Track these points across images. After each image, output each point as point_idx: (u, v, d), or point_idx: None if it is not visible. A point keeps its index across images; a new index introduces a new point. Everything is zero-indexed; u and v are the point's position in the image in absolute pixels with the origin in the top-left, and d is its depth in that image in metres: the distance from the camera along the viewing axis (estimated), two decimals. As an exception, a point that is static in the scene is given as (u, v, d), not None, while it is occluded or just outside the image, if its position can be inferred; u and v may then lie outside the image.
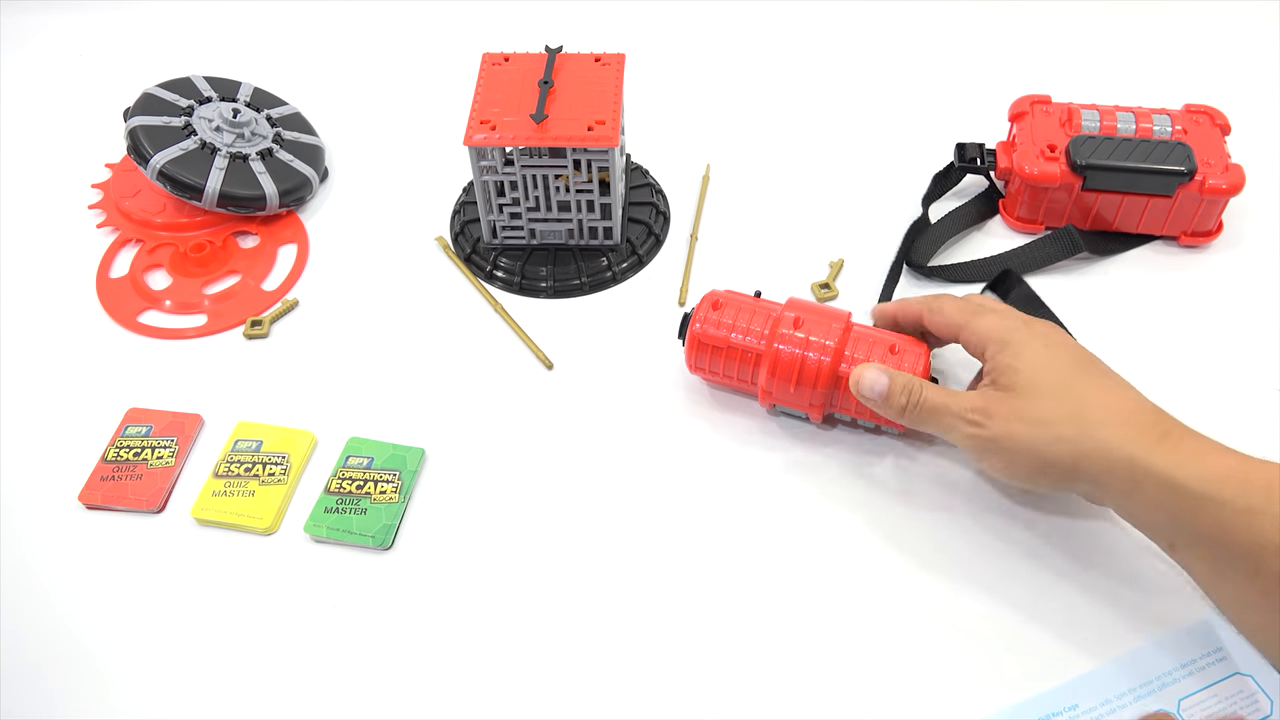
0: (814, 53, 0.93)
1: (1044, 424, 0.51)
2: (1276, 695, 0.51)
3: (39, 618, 0.58)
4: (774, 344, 0.60)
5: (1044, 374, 0.53)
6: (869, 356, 0.59)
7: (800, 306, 0.62)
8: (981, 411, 0.53)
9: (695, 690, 0.54)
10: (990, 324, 0.56)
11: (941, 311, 0.59)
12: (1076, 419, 0.51)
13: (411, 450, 0.64)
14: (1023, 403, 0.52)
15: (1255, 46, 0.91)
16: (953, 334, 0.58)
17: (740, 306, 0.63)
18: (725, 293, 0.64)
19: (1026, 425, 0.51)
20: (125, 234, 0.79)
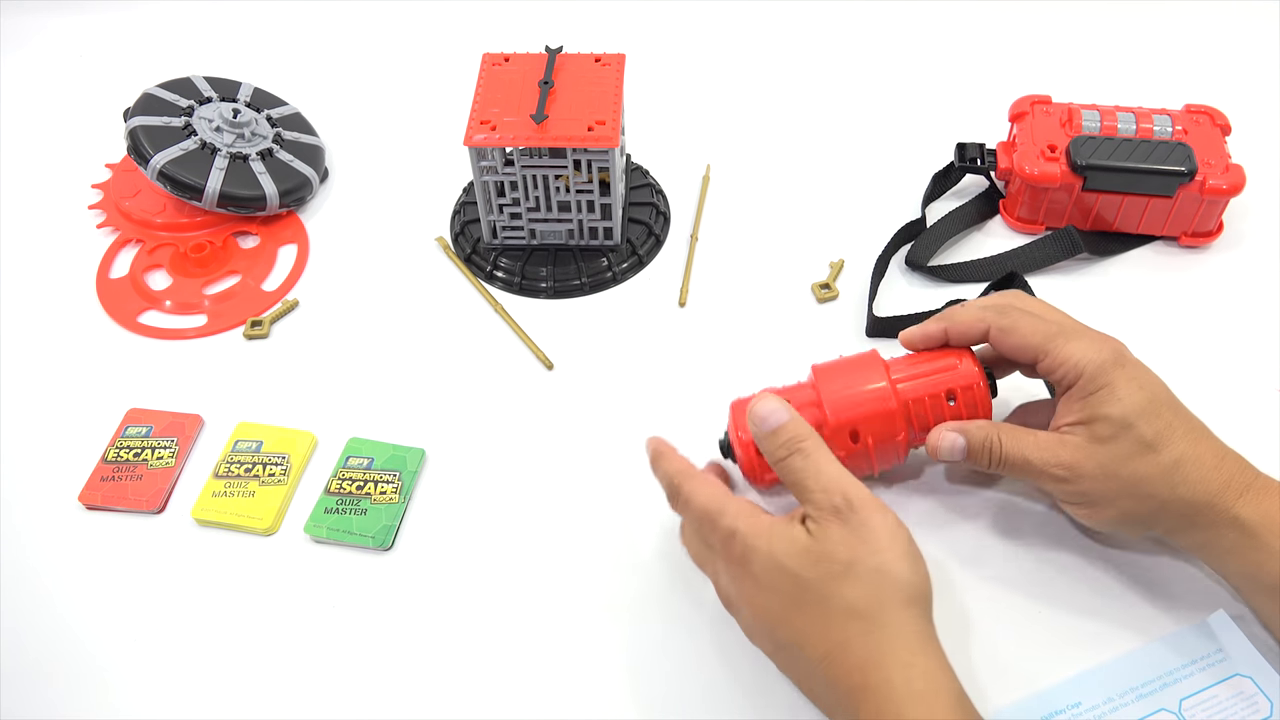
0: (814, 53, 0.93)
1: (1137, 482, 0.49)
2: (1276, 696, 0.51)
3: (39, 618, 0.58)
4: (831, 420, 0.54)
5: (1141, 428, 0.49)
6: (927, 399, 0.54)
7: (829, 370, 0.56)
8: (1069, 468, 0.50)
9: (694, 689, 0.54)
10: (1079, 355, 0.51)
11: (1016, 332, 0.53)
12: (1168, 478, 0.49)
13: (411, 450, 0.64)
14: (1116, 461, 0.49)
15: (1255, 46, 0.91)
16: (1029, 358, 0.53)
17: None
18: (744, 399, 0.57)
19: (1118, 483, 0.50)
20: (125, 234, 0.79)
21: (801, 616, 0.47)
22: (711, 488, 0.51)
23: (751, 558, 0.48)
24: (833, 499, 0.47)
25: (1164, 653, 0.52)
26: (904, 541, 0.47)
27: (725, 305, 0.72)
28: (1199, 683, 0.51)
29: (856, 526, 0.47)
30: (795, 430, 0.50)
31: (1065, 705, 0.51)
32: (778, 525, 0.48)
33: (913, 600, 0.46)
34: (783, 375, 0.67)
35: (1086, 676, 0.52)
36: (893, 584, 0.46)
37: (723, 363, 0.69)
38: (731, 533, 0.49)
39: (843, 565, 0.46)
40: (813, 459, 0.49)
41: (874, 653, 0.45)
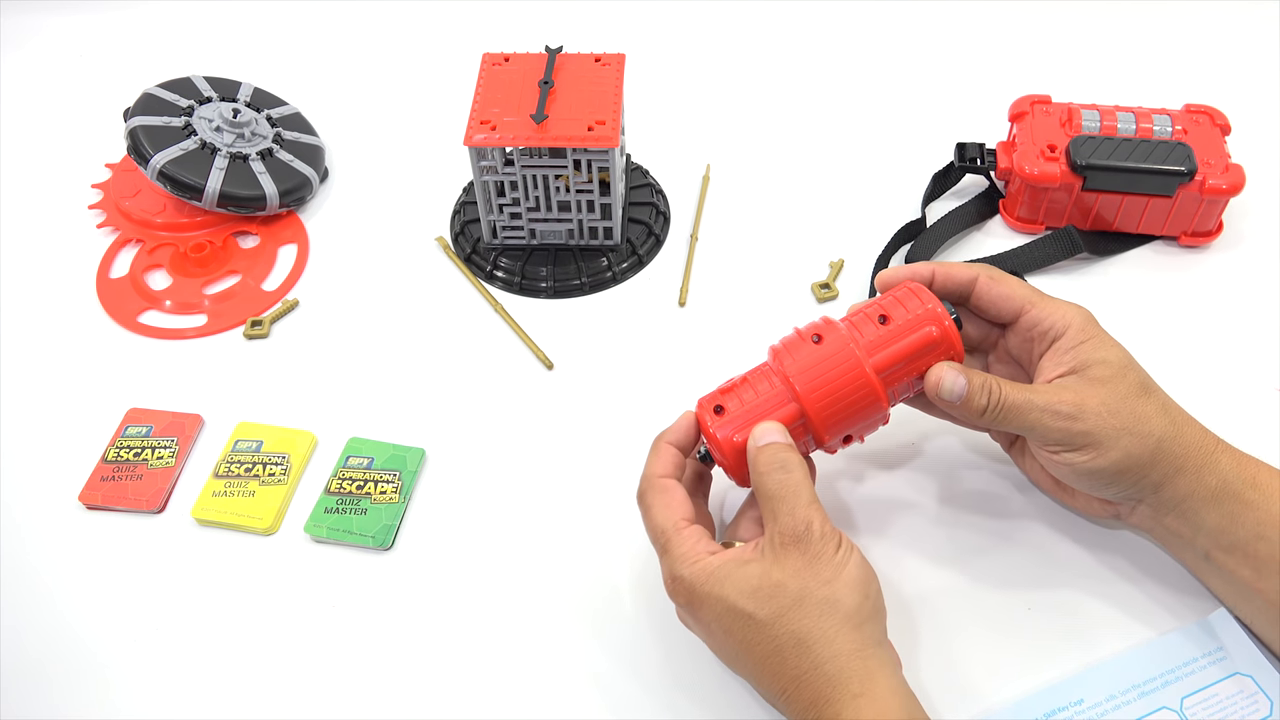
0: (814, 53, 0.93)
1: (1137, 418, 0.50)
2: (1276, 695, 0.51)
3: (39, 618, 0.58)
4: (794, 387, 0.52)
5: (1131, 373, 0.51)
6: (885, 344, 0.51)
7: (784, 342, 0.53)
8: (1074, 405, 0.50)
9: (694, 689, 0.54)
10: (1065, 310, 0.53)
11: (1005, 282, 0.54)
12: (1165, 415, 0.51)
13: (411, 450, 0.64)
14: (1117, 397, 0.50)
15: (1255, 46, 0.91)
16: (1014, 310, 0.54)
17: (734, 388, 0.53)
18: (708, 394, 0.54)
19: (1121, 418, 0.50)
20: (125, 234, 0.79)
21: (754, 655, 0.47)
22: (661, 513, 0.50)
23: (700, 603, 0.48)
24: (797, 525, 0.47)
25: (1165, 650, 0.53)
26: (854, 571, 0.47)
27: (725, 305, 0.72)
28: (1200, 681, 0.51)
29: (812, 557, 0.47)
30: (784, 455, 0.50)
31: (1068, 702, 0.51)
32: (727, 565, 0.48)
33: (860, 626, 0.46)
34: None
35: (1088, 674, 0.52)
36: (841, 614, 0.46)
37: (723, 363, 0.68)
38: (675, 576, 0.49)
39: (793, 598, 0.46)
40: (791, 482, 0.49)
41: (824, 688, 0.45)
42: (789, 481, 0.49)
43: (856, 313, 0.54)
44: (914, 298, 0.53)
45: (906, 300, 0.53)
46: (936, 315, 0.52)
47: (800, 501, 0.48)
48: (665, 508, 0.51)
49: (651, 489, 0.52)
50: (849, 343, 0.52)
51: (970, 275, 0.54)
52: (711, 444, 0.53)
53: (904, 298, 0.53)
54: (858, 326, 0.53)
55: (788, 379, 0.52)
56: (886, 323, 0.52)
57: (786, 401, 0.52)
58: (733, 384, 0.53)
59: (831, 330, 0.52)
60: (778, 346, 0.53)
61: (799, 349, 0.52)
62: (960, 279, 0.55)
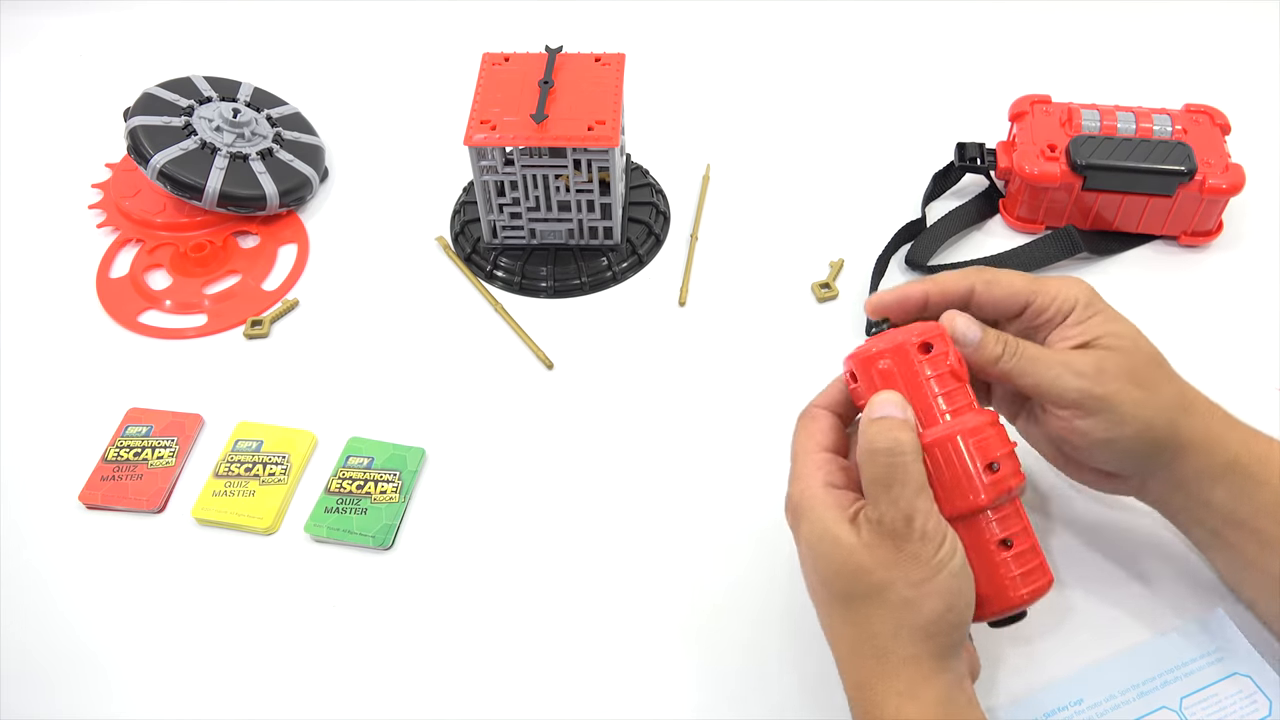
0: (814, 53, 0.93)
1: (1154, 388, 0.49)
2: (1275, 696, 0.51)
3: (40, 618, 0.58)
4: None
5: (1144, 342, 0.50)
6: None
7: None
8: (1098, 369, 0.48)
9: (694, 689, 0.54)
10: (1068, 287, 0.51)
11: (1000, 282, 0.51)
12: (1176, 387, 0.50)
13: (411, 450, 0.64)
14: (1135, 367, 0.49)
15: (1255, 46, 0.91)
16: (1017, 305, 0.51)
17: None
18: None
19: (1141, 389, 0.48)
20: (125, 234, 0.79)
21: (822, 610, 0.48)
22: (804, 437, 0.49)
23: (797, 525, 0.47)
24: (897, 519, 0.44)
25: (1164, 650, 0.53)
26: (945, 580, 0.44)
27: (725, 305, 0.72)
28: (1199, 680, 0.51)
29: (908, 556, 0.44)
30: (897, 434, 0.45)
31: (1067, 702, 0.51)
32: (821, 524, 0.46)
33: (931, 636, 0.44)
34: (783, 375, 0.67)
35: (1087, 674, 0.52)
36: (916, 619, 0.44)
37: (723, 362, 0.69)
38: (788, 492, 0.48)
39: (874, 589, 0.44)
40: (899, 468, 0.45)
41: (871, 675, 0.45)
42: (897, 466, 0.44)
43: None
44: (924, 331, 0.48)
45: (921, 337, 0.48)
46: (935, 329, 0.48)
47: (905, 492, 0.44)
48: (807, 433, 0.49)
49: (802, 415, 0.51)
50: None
51: (965, 286, 0.51)
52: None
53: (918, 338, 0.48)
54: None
55: None
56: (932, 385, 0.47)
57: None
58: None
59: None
60: None
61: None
62: (956, 292, 0.51)
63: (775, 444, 0.64)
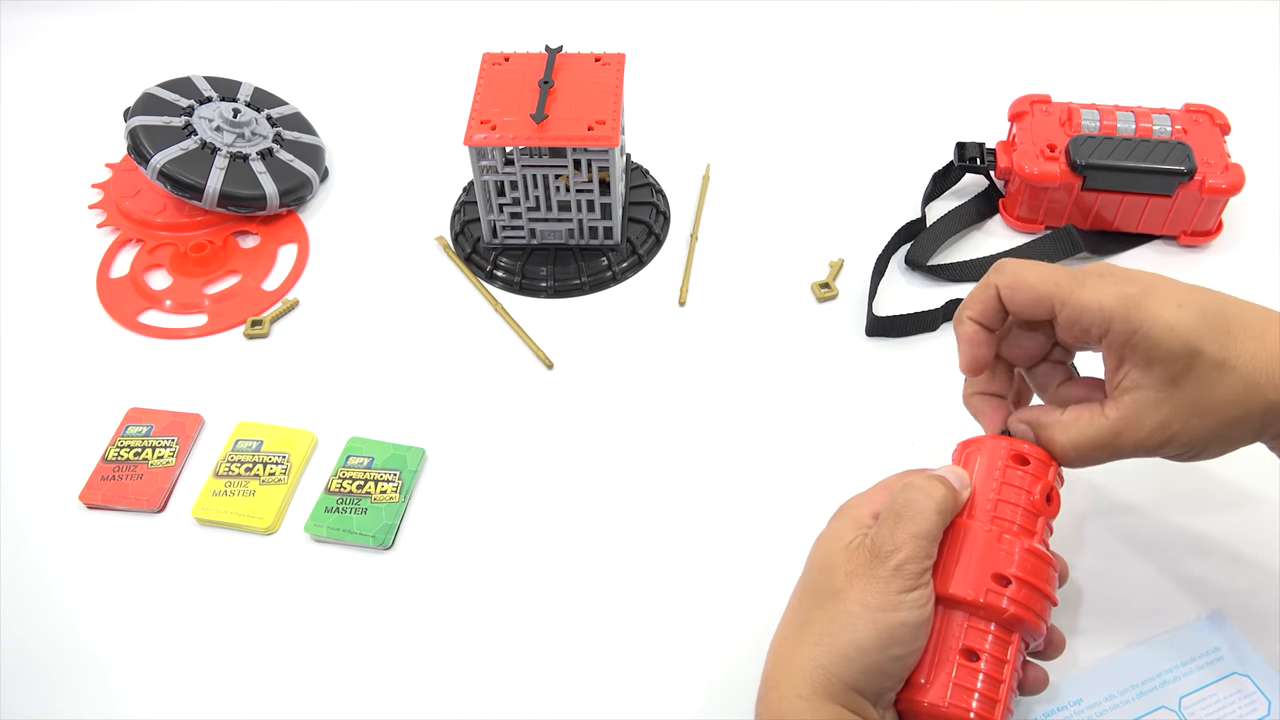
0: (814, 53, 0.93)
1: (1227, 406, 0.43)
2: (1274, 695, 0.51)
3: (40, 617, 0.58)
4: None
5: (1204, 349, 0.43)
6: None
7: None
8: (1161, 429, 0.44)
9: (694, 689, 0.54)
10: (1100, 292, 0.44)
11: (1023, 285, 0.46)
12: (1250, 381, 0.43)
13: (411, 450, 0.64)
14: (1201, 393, 0.43)
15: (1255, 46, 0.91)
16: (1046, 311, 0.46)
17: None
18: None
19: (1213, 420, 0.44)
20: (125, 234, 0.79)
21: (788, 608, 0.48)
22: (918, 495, 0.46)
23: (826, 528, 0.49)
24: (887, 544, 0.44)
25: (1164, 651, 0.53)
26: (896, 621, 0.43)
27: (725, 305, 0.72)
28: (1198, 680, 0.51)
29: (874, 578, 0.44)
30: (939, 491, 0.45)
31: (1067, 702, 0.51)
32: (844, 522, 0.47)
33: (852, 664, 0.43)
34: (783, 375, 0.67)
35: (1087, 674, 0.52)
36: (850, 635, 0.43)
37: (723, 362, 0.69)
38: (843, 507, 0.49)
39: (830, 588, 0.45)
40: (920, 510, 0.44)
41: (780, 671, 0.45)
42: (916, 506, 0.44)
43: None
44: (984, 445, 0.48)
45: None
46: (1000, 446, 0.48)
47: (909, 529, 0.44)
48: (921, 491, 0.46)
49: (929, 476, 0.47)
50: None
51: (991, 292, 0.48)
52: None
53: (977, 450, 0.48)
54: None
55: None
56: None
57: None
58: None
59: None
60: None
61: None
62: (989, 300, 0.48)
63: (775, 444, 0.64)
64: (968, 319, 0.49)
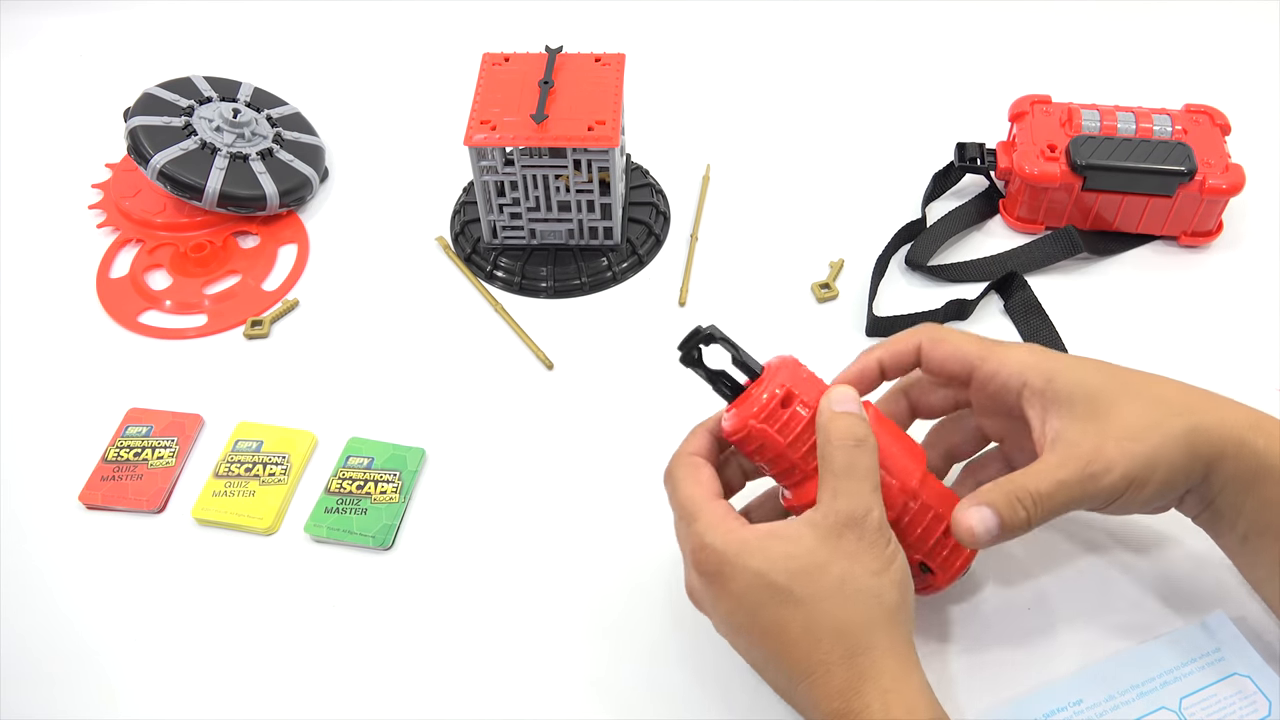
0: (814, 53, 0.93)
1: (1160, 430, 0.46)
2: (1275, 696, 0.51)
3: (40, 618, 0.58)
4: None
5: (1115, 382, 0.47)
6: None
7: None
8: (1096, 458, 0.45)
9: (694, 689, 0.54)
10: (1018, 360, 0.49)
11: (947, 341, 0.50)
12: (1181, 411, 0.46)
13: (411, 450, 0.64)
14: (1124, 421, 0.46)
15: (1255, 46, 0.91)
16: (964, 368, 0.50)
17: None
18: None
19: (1147, 443, 0.46)
20: (125, 234, 0.79)
21: (783, 636, 0.45)
22: (690, 485, 0.48)
23: (729, 576, 0.45)
24: (857, 508, 0.45)
25: (1164, 651, 0.53)
26: (900, 570, 0.46)
27: (725, 305, 0.72)
28: (1199, 681, 0.51)
29: (866, 545, 0.45)
30: (861, 429, 0.46)
31: (1067, 702, 0.51)
32: (765, 539, 0.46)
33: (898, 625, 0.45)
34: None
35: (1087, 674, 0.52)
36: (883, 608, 0.44)
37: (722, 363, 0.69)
38: (704, 545, 0.46)
39: (836, 582, 0.44)
40: (863, 462, 0.46)
41: (855, 679, 0.44)
42: (861, 461, 0.46)
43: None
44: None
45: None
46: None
47: (867, 485, 0.46)
48: (695, 482, 0.48)
49: (680, 464, 0.50)
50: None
51: (913, 343, 0.51)
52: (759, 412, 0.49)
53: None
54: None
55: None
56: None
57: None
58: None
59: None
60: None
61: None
62: (905, 352, 0.52)
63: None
64: (876, 361, 0.52)
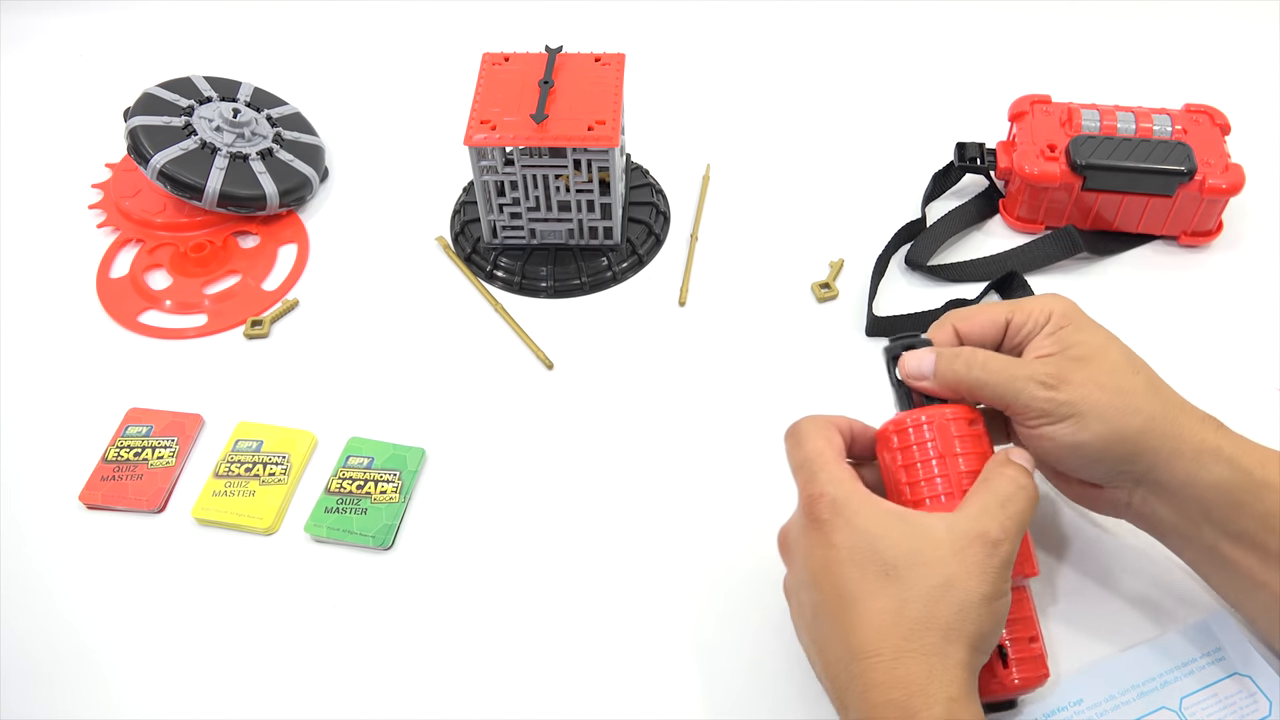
0: (814, 53, 0.93)
1: (1122, 393, 0.49)
2: (1275, 696, 0.51)
3: (40, 618, 0.58)
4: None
5: (1115, 350, 0.50)
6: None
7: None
8: (1056, 376, 0.49)
9: (693, 690, 0.54)
10: (1050, 301, 0.52)
11: (975, 316, 0.53)
12: (1153, 393, 0.49)
13: (411, 450, 0.64)
14: (1101, 372, 0.49)
15: (1255, 46, 0.91)
16: (998, 327, 0.52)
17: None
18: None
19: (1106, 392, 0.48)
20: (125, 234, 0.79)
21: (868, 606, 0.44)
22: (824, 443, 0.49)
23: (839, 526, 0.46)
24: (995, 532, 0.45)
25: (1165, 651, 0.53)
26: (1002, 608, 0.46)
27: (725, 305, 0.72)
28: (1199, 681, 0.51)
29: (982, 562, 0.45)
30: (1028, 475, 0.48)
31: (1067, 702, 0.51)
32: (888, 513, 0.46)
33: (976, 649, 0.45)
34: (783, 375, 0.67)
35: (1088, 674, 0.52)
36: (975, 628, 0.44)
37: (723, 363, 0.69)
38: (823, 493, 0.47)
39: (943, 580, 0.44)
40: (1026, 494, 0.47)
41: (924, 677, 0.43)
42: (1021, 499, 0.47)
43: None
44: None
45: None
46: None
47: (1014, 523, 0.46)
48: (826, 440, 0.49)
49: (812, 423, 0.50)
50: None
51: (947, 331, 0.53)
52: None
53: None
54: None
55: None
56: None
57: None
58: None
59: None
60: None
61: None
62: (945, 341, 0.53)
63: (776, 444, 0.64)
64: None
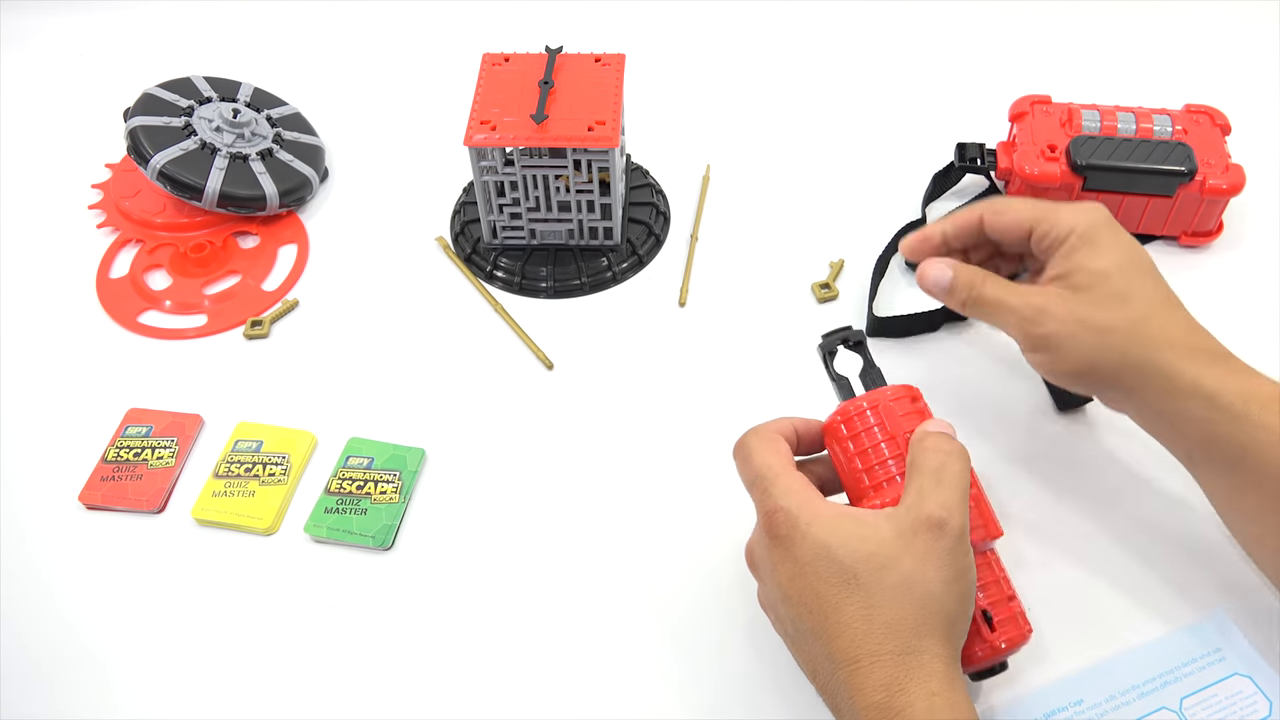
0: (814, 53, 0.93)
1: (1102, 331, 0.50)
2: (1275, 696, 0.51)
3: (39, 618, 0.58)
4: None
5: (1115, 280, 0.51)
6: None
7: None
8: (1040, 310, 0.52)
9: (693, 690, 0.54)
10: (1072, 217, 0.53)
11: (1010, 209, 0.55)
12: (1134, 332, 0.50)
13: (411, 450, 0.64)
14: (1086, 307, 0.51)
15: (1255, 46, 0.91)
16: (1022, 233, 0.55)
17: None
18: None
19: (1085, 331, 0.51)
20: (125, 234, 0.79)
21: (839, 615, 0.44)
22: (771, 455, 0.49)
23: (797, 540, 0.45)
24: (941, 512, 0.45)
25: (1165, 651, 0.53)
26: (968, 583, 0.45)
27: (725, 305, 0.72)
28: (1199, 681, 0.51)
29: (940, 550, 0.44)
30: (957, 447, 0.48)
31: (1068, 702, 0.51)
32: (842, 519, 0.46)
33: (952, 636, 0.45)
34: (783, 375, 0.67)
35: (1088, 674, 0.52)
36: (942, 615, 0.44)
37: (723, 363, 0.69)
38: (778, 507, 0.46)
39: (902, 577, 0.44)
40: (956, 472, 0.47)
41: (902, 676, 0.43)
42: (951, 466, 0.47)
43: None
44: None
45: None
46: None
47: (955, 493, 0.46)
48: (773, 452, 0.49)
49: (758, 436, 0.50)
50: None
51: (975, 217, 0.56)
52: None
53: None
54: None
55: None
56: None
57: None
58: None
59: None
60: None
61: None
62: (968, 225, 0.56)
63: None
64: (940, 233, 0.57)
